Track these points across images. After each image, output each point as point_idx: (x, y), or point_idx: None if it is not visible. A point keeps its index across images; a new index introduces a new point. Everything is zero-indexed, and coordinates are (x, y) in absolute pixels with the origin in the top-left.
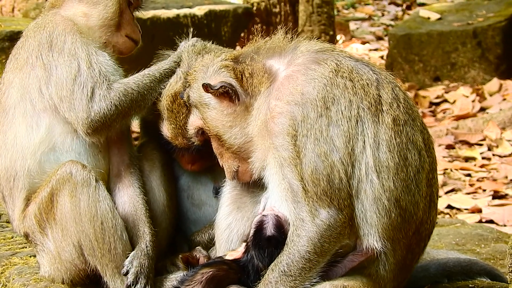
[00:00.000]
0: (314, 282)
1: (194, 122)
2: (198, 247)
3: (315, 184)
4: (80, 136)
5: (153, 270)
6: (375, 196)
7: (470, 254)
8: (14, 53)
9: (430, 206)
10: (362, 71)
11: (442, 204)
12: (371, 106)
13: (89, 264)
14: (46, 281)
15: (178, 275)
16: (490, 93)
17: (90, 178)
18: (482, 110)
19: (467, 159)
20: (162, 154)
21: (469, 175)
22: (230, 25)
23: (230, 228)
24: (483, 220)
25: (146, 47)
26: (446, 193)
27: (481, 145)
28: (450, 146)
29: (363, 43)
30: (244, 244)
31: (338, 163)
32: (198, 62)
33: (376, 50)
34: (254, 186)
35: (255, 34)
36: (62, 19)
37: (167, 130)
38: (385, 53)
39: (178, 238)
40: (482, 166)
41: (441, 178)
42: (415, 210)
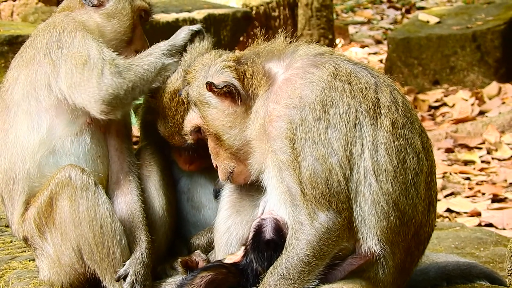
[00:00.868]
0: (313, 285)
1: (192, 120)
2: (197, 251)
3: (314, 187)
4: (79, 139)
5: (149, 277)
6: (374, 199)
7: (469, 258)
8: (20, 51)
9: (429, 209)
10: (361, 74)
11: (441, 207)
12: (370, 109)
13: (88, 268)
14: (46, 285)
15: (177, 279)
16: (489, 96)
17: (90, 182)
18: (481, 113)
19: (467, 163)
20: (161, 158)
21: (468, 179)
22: (229, 29)
23: (229, 231)
24: (482, 223)
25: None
26: (446, 196)
27: (480, 148)
28: (449, 150)
29: (362, 47)
30: (243, 247)
31: (336, 166)
32: (198, 61)
33: (375, 53)
34: (253, 190)
35: (255, 37)
36: (73, 21)
37: (164, 128)
38: (384, 56)
39: (178, 241)
40: (482, 169)
41: (440, 182)
42: (414, 213)
